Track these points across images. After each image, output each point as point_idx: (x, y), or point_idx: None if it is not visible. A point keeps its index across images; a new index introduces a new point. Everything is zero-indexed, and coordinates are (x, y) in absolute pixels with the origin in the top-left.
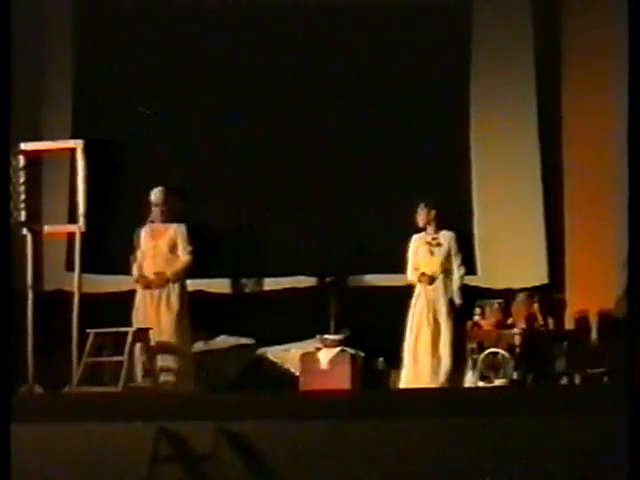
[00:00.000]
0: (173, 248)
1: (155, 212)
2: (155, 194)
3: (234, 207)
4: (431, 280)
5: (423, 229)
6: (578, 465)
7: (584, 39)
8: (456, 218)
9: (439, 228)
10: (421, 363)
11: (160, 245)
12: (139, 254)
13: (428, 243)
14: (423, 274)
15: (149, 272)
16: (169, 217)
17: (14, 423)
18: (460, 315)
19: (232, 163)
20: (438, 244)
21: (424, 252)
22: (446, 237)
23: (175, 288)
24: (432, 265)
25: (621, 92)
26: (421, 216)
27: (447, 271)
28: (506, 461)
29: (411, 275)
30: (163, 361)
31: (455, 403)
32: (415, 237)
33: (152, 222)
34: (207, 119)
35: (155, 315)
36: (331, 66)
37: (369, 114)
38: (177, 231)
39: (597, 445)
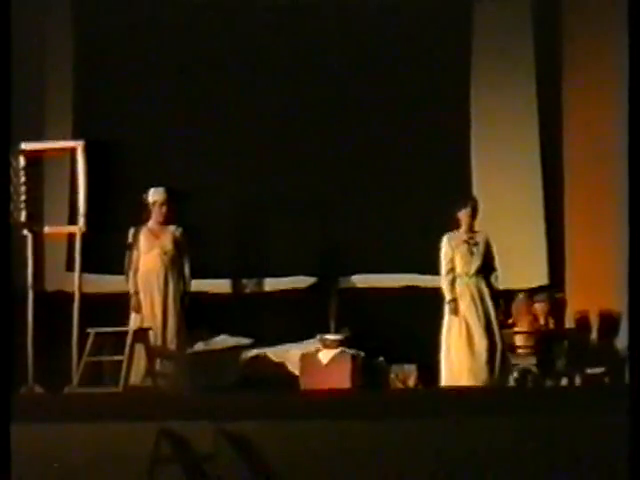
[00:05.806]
0: (176, 248)
1: (156, 212)
2: (156, 194)
3: (234, 207)
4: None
5: (456, 228)
6: (578, 465)
7: (584, 39)
8: None
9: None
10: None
11: (165, 244)
12: (135, 254)
13: (466, 242)
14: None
15: (152, 272)
16: (169, 218)
17: (14, 423)
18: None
19: (233, 163)
20: (476, 243)
21: (464, 251)
22: (482, 237)
23: (179, 288)
24: (471, 264)
25: (621, 92)
26: (463, 214)
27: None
28: (506, 461)
29: (445, 279)
30: (160, 365)
31: (454, 403)
32: (449, 236)
33: (149, 222)
34: (207, 119)
35: (161, 315)
36: (331, 67)
37: (370, 115)
38: (177, 233)
39: (597, 445)
